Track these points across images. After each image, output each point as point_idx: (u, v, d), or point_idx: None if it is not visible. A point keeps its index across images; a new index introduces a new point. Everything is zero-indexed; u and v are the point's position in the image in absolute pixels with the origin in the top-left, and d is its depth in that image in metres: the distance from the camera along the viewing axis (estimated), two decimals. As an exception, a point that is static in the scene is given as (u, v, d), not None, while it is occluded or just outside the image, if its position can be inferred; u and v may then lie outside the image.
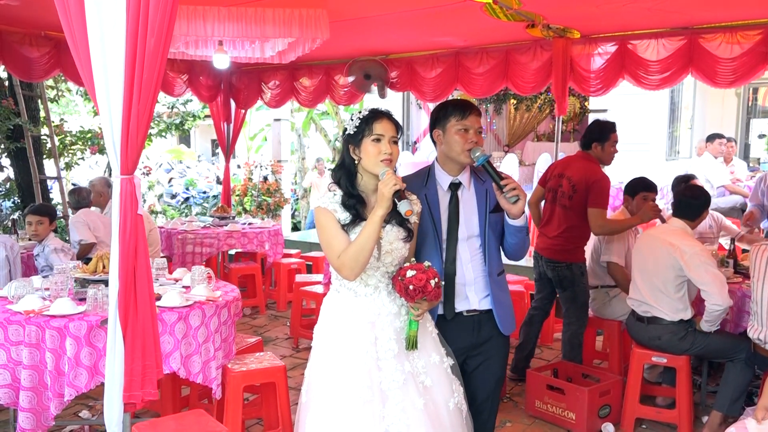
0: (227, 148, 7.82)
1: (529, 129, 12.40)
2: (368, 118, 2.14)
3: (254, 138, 13.92)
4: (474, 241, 2.46)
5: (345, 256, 2.07)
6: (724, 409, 3.60)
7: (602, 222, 4.06)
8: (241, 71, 7.48)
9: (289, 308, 6.35)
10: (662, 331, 3.62)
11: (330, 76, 7.09)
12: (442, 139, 2.48)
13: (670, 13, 4.82)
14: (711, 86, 5.37)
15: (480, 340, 2.47)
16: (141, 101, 2.12)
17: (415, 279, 2.04)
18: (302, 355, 5.08)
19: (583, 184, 4.09)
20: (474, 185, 2.49)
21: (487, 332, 2.48)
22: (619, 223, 4.16)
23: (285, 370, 3.40)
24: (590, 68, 5.59)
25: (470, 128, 2.42)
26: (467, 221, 2.45)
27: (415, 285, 2.03)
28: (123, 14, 2.10)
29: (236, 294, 3.55)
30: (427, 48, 6.32)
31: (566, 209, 4.17)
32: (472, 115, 2.44)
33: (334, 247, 2.10)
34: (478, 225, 2.45)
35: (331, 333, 2.18)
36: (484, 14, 4.71)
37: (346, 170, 2.18)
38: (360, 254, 2.04)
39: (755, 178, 6.04)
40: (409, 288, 2.04)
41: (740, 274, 3.99)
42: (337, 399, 2.08)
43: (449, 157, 2.47)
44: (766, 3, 4.53)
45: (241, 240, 6.19)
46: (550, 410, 3.82)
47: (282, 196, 7.93)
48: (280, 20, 4.55)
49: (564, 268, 4.19)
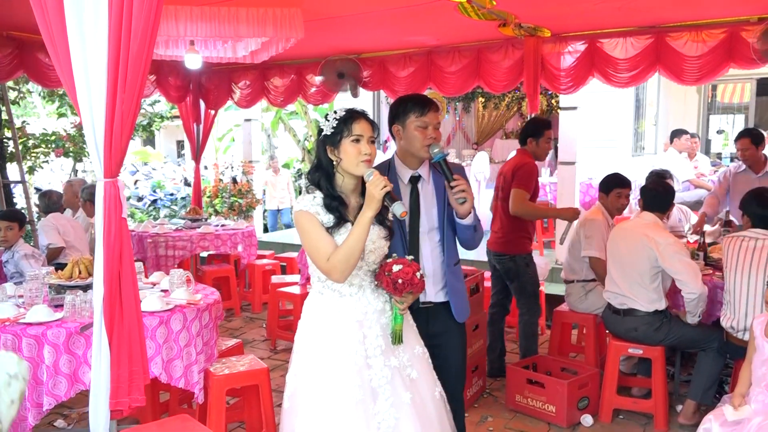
0: (197, 149, 7.72)
1: (498, 127, 12.53)
2: (346, 118, 2.11)
3: (222, 139, 13.76)
4: (434, 234, 2.56)
5: (335, 259, 2.04)
6: (697, 397, 3.70)
7: (520, 202, 4.18)
8: (211, 71, 7.39)
9: (264, 310, 6.30)
10: (638, 322, 3.71)
11: (302, 76, 7.06)
12: (402, 134, 2.57)
13: (638, 12, 4.93)
14: (678, 83, 5.51)
15: (433, 332, 2.51)
16: (125, 103, 2.08)
17: (402, 273, 2.06)
18: (281, 357, 5.05)
19: (511, 174, 4.26)
20: (433, 178, 2.58)
21: (440, 324, 2.56)
22: (538, 208, 4.35)
23: (268, 373, 3.37)
24: (561, 66, 5.67)
25: (429, 124, 2.51)
26: (428, 214, 2.55)
27: (404, 279, 2.05)
28: (104, 14, 2.06)
29: (216, 296, 3.51)
30: (400, 47, 6.34)
31: (503, 202, 4.32)
32: (431, 112, 2.52)
33: (321, 251, 2.07)
34: (437, 218, 2.55)
35: (317, 335, 2.16)
36: (457, 13, 4.75)
37: (324, 172, 2.15)
38: (351, 257, 2.03)
39: (719, 172, 6.21)
40: (397, 282, 2.05)
41: (710, 266, 4.11)
42: (328, 401, 2.07)
43: (409, 151, 2.56)
44: (730, 3, 4.67)
45: (214, 242, 6.12)
46: (531, 404, 3.87)
47: (254, 197, 7.85)
48: (254, 20, 4.52)
49: (507, 260, 4.33)
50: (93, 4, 2.07)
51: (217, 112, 7.82)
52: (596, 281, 4.30)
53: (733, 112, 12.55)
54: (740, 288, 3.39)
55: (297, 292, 5.19)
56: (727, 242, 3.56)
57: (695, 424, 3.61)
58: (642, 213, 3.88)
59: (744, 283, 3.38)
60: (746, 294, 3.37)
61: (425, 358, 2.29)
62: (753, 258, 3.39)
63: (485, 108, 12.59)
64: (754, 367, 2.68)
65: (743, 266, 3.40)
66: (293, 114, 13.21)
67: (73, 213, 5.60)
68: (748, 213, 3.57)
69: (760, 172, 4.96)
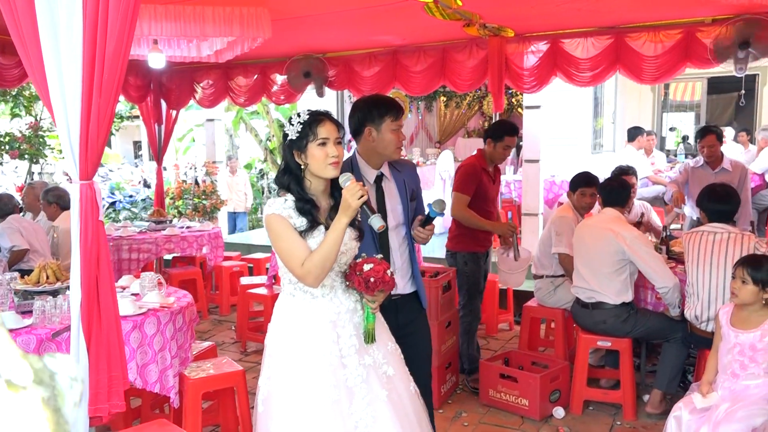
0: (159, 150, 7.58)
1: (459, 126, 12.64)
2: (311, 122, 2.09)
3: (182, 139, 13.53)
4: (400, 230, 2.69)
5: (310, 264, 2.01)
6: (663, 386, 3.83)
7: (458, 208, 4.17)
8: (172, 71, 7.25)
9: (233, 312, 6.24)
10: (606, 315, 3.81)
11: (266, 75, 7.00)
12: (374, 136, 2.61)
13: (599, 13, 5.06)
14: (637, 83, 5.67)
15: (403, 321, 2.61)
16: (101, 105, 2.04)
17: (374, 272, 2.07)
18: (252, 359, 5.00)
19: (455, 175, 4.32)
20: (393, 176, 2.70)
21: (408, 313, 2.69)
22: (473, 218, 4.14)
23: (244, 375, 3.35)
24: (524, 66, 5.77)
25: (400, 128, 2.64)
26: (393, 211, 2.66)
27: (375, 277, 2.06)
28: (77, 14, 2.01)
29: (189, 299, 3.46)
30: (365, 46, 6.35)
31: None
32: (402, 116, 2.66)
33: (295, 256, 2.04)
34: (402, 214, 2.68)
35: (290, 337, 2.14)
36: (422, 13, 4.79)
37: (293, 175, 2.13)
38: (326, 262, 2.01)
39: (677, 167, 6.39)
40: (369, 281, 2.06)
41: (672, 260, 4.24)
42: (304, 403, 2.06)
43: (378, 152, 2.64)
44: (686, 5, 4.84)
45: (180, 244, 6.02)
46: (504, 398, 3.94)
47: (218, 197, 7.75)
48: (221, 19, 4.46)
49: (449, 255, 4.39)
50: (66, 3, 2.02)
51: (179, 112, 7.69)
52: (564, 277, 4.40)
53: (686, 110, 12.96)
54: (702, 280, 3.51)
55: (267, 293, 5.15)
56: (687, 237, 3.69)
57: (662, 412, 3.75)
58: (604, 209, 3.99)
59: (706, 275, 3.51)
60: (708, 286, 3.49)
61: (398, 354, 2.32)
62: (713, 251, 3.52)
63: (447, 107, 12.69)
64: (721, 355, 2.79)
65: (704, 260, 3.53)
66: (254, 114, 13.08)
67: (33, 216, 5.44)
68: (703, 209, 3.71)
69: (717, 168, 5.14)
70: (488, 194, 4.28)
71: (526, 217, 6.62)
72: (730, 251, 3.43)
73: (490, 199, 4.31)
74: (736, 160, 5.47)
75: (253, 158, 14.10)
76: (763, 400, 2.65)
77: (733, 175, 5.08)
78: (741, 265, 2.78)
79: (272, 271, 5.17)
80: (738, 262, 2.85)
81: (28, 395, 0.46)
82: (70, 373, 0.49)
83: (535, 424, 3.79)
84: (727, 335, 2.77)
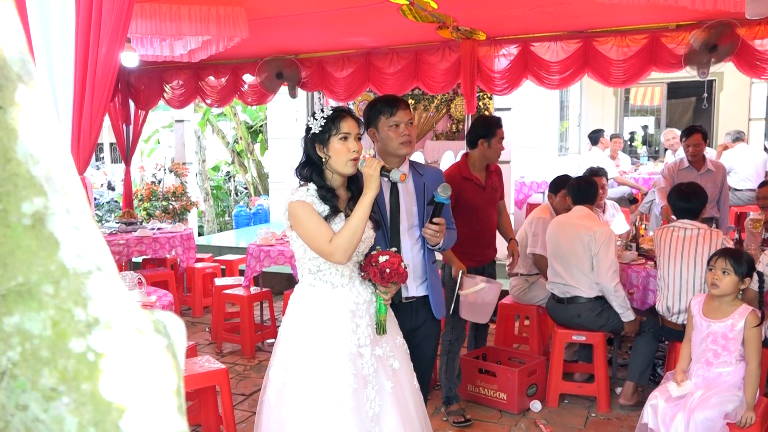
0: (127, 151, 7.47)
1: (428, 128, 12.75)
2: (334, 117, 2.20)
3: (148, 141, 13.33)
4: (414, 231, 2.65)
5: (338, 239, 2.10)
6: (635, 378, 3.95)
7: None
8: (141, 70, 7.14)
9: (206, 313, 6.19)
10: (581, 309, 3.92)
11: (237, 76, 6.97)
12: (377, 136, 2.67)
13: (568, 17, 5.20)
14: (605, 86, 5.84)
15: (416, 325, 2.65)
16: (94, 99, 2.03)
17: (389, 263, 2.14)
18: (228, 360, 4.97)
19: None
20: (413, 178, 2.66)
21: (422, 317, 2.68)
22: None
23: (227, 373, 3.34)
24: (495, 68, 5.88)
25: (401, 123, 2.62)
26: (408, 212, 2.64)
27: (390, 268, 2.13)
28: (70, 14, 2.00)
29: (170, 299, 3.46)
30: (338, 48, 6.38)
31: None
32: (400, 110, 2.63)
33: (323, 234, 2.12)
34: (417, 215, 2.65)
35: (310, 327, 2.19)
36: (396, 15, 4.85)
37: (315, 167, 2.23)
38: (354, 236, 2.10)
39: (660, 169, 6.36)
40: (385, 271, 2.13)
41: (642, 256, 4.39)
42: (324, 391, 2.10)
43: (386, 151, 2.65)
44: (651, 10, 5.00)
45: (152, 246, 5.95)
46: (483, 392, 4.02)
47: (189, 199, 7.68)
48: (197, 18, 4.45)
49: (441, 267, 3.90)
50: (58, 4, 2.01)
51: (147, 112, 7.60)
52: (539, 275, 4.50)
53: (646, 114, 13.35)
54: (673, 274, 3.65)
55: (242, 294, 5.13)
56: (659, 233, 3.83)
57: (635, 403, 3.88)
58: (575, 207, 4.11)
59: (677, 269, 3.64)
60: (679, 280, 3.63)
61: (404, 349, 2.38)
62: (683, 247, 3.66)
63: (415, 110, 12.80)
64: (694, 345, 2.91)
65: (675, 255, 3.66)
66: (221, 116, 12.96)
67: None
68: (671, 205, 3.86)
69: (702, 170, 5.17)
70: (475, 204, 3.85)
71: (498, 217, 6.72)
72: (699, 247, 3.57)
73: (479, 209, 3.88)
74: (716, 161, 5.62)
75: (220, 160, 13.97)
76: (735, 387, 2.77)
77: (716, 176, 5.18)
78: (723, 257, 2.89)
79: (251, 272, 5.15)
80: (718, 253, 2.95)
81: (154, 341, 0.49)
82: (177, 326, 0.52)
83: (513, 418, 3.87)
84: (699, 325, 2.89)
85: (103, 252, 0.52)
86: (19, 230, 0.46)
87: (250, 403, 4.11)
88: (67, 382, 0.44)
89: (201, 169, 10.75)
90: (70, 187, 0.50)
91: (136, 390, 0.47)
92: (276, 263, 5.11)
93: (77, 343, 0.45)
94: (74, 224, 0.49)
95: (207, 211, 10.79)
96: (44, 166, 0.48)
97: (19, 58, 0.49)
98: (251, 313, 5.08)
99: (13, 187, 0.47)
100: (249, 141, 12.69)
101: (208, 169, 11.60)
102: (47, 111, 0.51)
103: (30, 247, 0.46)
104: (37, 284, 0.46)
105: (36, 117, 0.49)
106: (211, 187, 11.60)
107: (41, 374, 0.44)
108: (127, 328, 0.49)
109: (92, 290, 0.48)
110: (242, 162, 12.85)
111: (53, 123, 0.51)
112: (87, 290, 0.48)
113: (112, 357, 0.46)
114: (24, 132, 0.48)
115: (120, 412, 0.45)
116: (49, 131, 0.50)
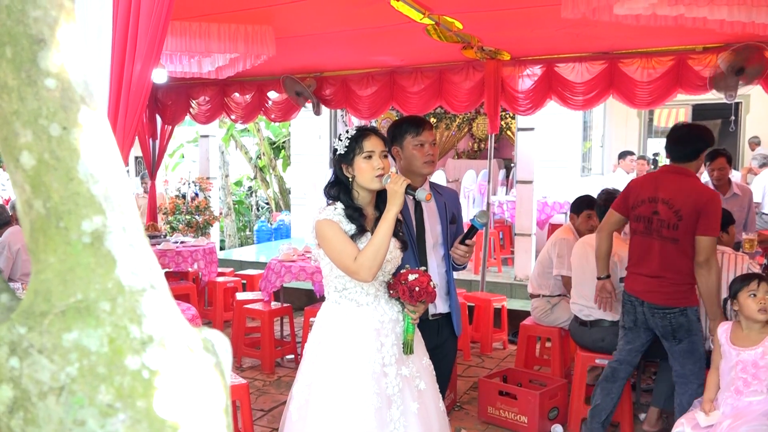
0: (153, 165, 7.59)
1: (450, 147, 12.79)
2: (357, 136, 2.23)
3: (173, 155, 13.52)
4: (439, 249, 2.72)
5: (363, 257, 2.11)
6: (660, 404, 3.88)
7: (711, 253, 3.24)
8: (169, 86, 7.28)
9: (226, 327, 6.21)
10: (604, 332, 3.87)
11: (262, 93, 7.06)
12: (401, 155, 2.73)
13: (593, 39, 5.20)
14: (630, 107, 5.81)
15: (439, 342, 2.67)
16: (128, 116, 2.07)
17: (418, 282, 2.15)
18: (247, 375, 4.98)
19: (690, 208, 3.22)
20: (434, 196, 2.69)
21: (445, 334, 2.73)
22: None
23: (248, 388, 3.35)
24: (519, 89, 5.89)
25: (425, 142, 2.68)
26: (432, 230, 2.70)
27: (420, 287, 2.13)
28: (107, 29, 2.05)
29: (194, 312, 3.48)
30: (362, 66, 6.43)
31: (673, 243, 3.30)
32: (425, 131, 2.70)
33: (348, 252, 2.14)
34: (441, 233, 2.72)
35: (334, 345, 2.20)
36: (422, 35, 4.89)
37: (343, 186, 2.26)
38: (378, 253, 2.10)
39: None
40: (414, 290, 2.14)
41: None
42: (346, 409, 2.10)
43: (410, 170, 2.71)
44: (677, 33, 4.99)
45: (175, 259, 6.01)
46: (503, 415, 3.97)
47: (212, 213, 7.76)
48: (226, 36, 4.52)
49: (678, 314, 3.33)
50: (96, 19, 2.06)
51: (173, 127, 7.72)
52: (561, 296, 4.46)
53: (670, 135, 13.20)
54: (700, 299, 3.59)
55: (263, 309, 5.15)
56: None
57: (659, 430, 3.80)
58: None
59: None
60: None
61: (431, 370, 2.37)
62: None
63: (437, 128, 12.84)
64: (722, 373, 2.85)
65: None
66: (245, 131, 13.12)
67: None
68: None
69: (728, 194, 4.96)
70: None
71: (519, 238, 6.70)
72: (724, 270, 3.51)
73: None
74: (742, 184, 5.53)
75: (242, 175, 14.11)
76: (764, 416, 2.71)
77: (743, 200, 5.06)
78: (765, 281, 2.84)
79: (271, 287, 5.17)
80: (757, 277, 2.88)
81: (204, 359, 0.49)
82: (224, 344, 0.53)
83: (534, 442, 3.82)
84: (728, 353, 2.84)
85: (156, 270, 0.53)
86: (79, 248, 0.48)
87: (269, 419, 4.11)
88: (123, 399, 0.45)
89: (224, 183, 10.86)
90: (126, 205, 0.52)
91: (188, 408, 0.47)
92: (297, 279, 5.13)
93: (132, 361, 0.46)
94: (130, 242, 0.50)
95: (228, 226, 10.88)
96: (103, 185, 0.50)
97: (83, 80, 0.50)
98: (271, 328, 5.09)
99: (75, 205, 0.48)
100: (272, 157, 12.81)
101: (230, 183, 11.71)
102: (106, 131, 0.52)
103: (89, 264, 0.48)
104: (95, 301, 0.47)
105: (96, 137, 0.51)
106: (233, 201, 11.71)
107: (98, 390, 0.44)
108: (178, 346, 0.49)
109: (146, 308, 0.49)
110: (264, 177, 12.97)
111: (111, 143, 0.53)
112: (141, 308, 0.49)
113: (165, 375, 0.47)
114: (85, 152, 0.49)
115: (173, 430, 0.45)
116: (108, 151, 0.52)
